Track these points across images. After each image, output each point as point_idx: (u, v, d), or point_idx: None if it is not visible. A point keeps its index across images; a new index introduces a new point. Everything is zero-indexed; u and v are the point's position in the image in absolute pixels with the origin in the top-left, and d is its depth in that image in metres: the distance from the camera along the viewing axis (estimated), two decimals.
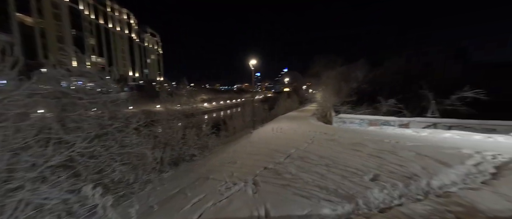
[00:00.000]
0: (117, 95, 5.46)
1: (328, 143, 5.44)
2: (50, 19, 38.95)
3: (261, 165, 4.55)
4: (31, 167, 3.77)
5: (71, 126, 4.65)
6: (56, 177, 4.15)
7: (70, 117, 4.76)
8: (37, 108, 4.35)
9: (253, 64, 10.31)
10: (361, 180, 3.11)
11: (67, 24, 42.21)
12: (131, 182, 5.90)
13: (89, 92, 4.94)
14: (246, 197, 3.52)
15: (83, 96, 4.79)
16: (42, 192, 3.59)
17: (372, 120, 9.92)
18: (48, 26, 38.25)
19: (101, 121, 4.92)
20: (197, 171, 6.76)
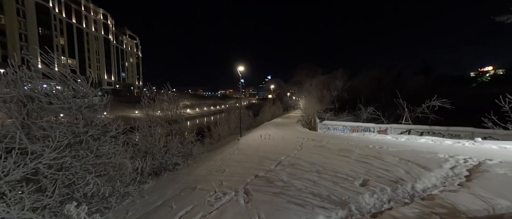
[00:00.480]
0: (92, 100, 4.99)
1: (317, 149, 5.54)
2: (13, 15, 35.18)
3: (252, 173, 4.46)
4: None
5: (38, 134, 4.11)
6: (15, 193, 3.63)
7: (37, 124, 4.21)
8: None
9: (240, 71, 10.29)
10: (352, 186, 3.19)
11: (33, 21, 38.48)
12: (107, 195, 5.38)
13: (61, 96, 4.45)
14: (238, 207, 3.39)
15: (53, 100, 4.29)
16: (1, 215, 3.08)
17: (354, 127, 10.45)
18: (9, 23, 34.45)
19: (75, 128, 4.43)
20: (182, 181, 6.39)
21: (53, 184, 4.38)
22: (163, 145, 9.57)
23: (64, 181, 4.54)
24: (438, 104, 10.24)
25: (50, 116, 4.51)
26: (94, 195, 5.15)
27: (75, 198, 4.80)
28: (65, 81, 4.62)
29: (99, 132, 4.88)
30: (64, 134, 4.26)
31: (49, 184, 4.39)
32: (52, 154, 3.74)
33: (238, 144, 8.29)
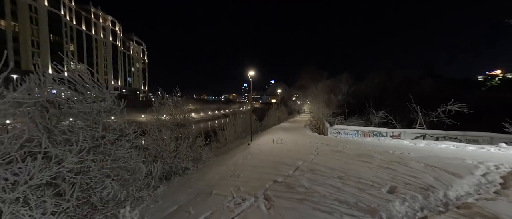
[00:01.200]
0: (110, 104, 5.04)
1: (334, 154, 5.44)
2: (26, 23, 36.47)
3: (270, 179, 4.38)
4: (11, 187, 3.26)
5: (59, 138, 4.15)
6: (37, 197, 3.64)
7: (59, 129, 4.27)
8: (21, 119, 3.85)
9: (251, 75, 10.32)
10: (379, 193, 3.09)
11: (45, 28, 39.78)
12: (122, 200, 5.35)
13: (82, 100, 4.51)
14: (260, 213, 3.31)
15: (74, 105, 4.36)
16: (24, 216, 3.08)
17: (365, 131, 10.28)
18: (23, 31, 35.70)
19: (95, 132, 4.46)
20: (195, 186, 6.34)
21: (71, 188, 4.40)
22: (173, 149, 9.58)
23: (82, 185, 4.55)
24: (455, 109, 9.99)
25: (71, 121, 4.56)
26: (110, 199, 5.14)
27: (91, 202, 4.80)
28: (84, 85, 4.70)
29: (116, 136, 4.91)
30: (85, 138, 4.30)
31: (67, 188, 4.40)
32: (74, 158, 3.77)
33: (249, 149, 8.23)
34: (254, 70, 10.66)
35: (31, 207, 3.41)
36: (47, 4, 40.15)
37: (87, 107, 4.52)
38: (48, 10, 40.34)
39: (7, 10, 33.75)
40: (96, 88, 4.90)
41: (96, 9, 57.40)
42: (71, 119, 4.69)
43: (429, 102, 12.54)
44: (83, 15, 52.19)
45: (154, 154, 9.23)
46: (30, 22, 37.27)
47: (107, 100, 4.99)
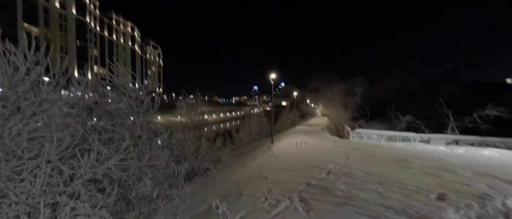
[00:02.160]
0: (148, 105, 5.33)
1: (366, 158, 5.30)
2: (56, 30, 39.50)
3: (302, 181, 4.36)
4: (68, 182, 3.54)
5: (104, 137, 4.45)
6: (86, 192, 3.91)
7: (103, 127, 4.58)
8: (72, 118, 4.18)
9: (272, 78, 10.39)
10: (428, 200, 2.97)
11: (73, 35, 42.81)
12: (155, 197, 5.58)
13: (125, 100, 4.82)
14: (299, 216, 3.31)
15: (118, 105, 4.66)
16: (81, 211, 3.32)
17: (391, 136, 9.90)
18: (53, 37, 38.68)
19: (136, 131, 4.74)
20: (220, 186, 6.45)
21: (110, 184, 4.66)
22: (195, 150, 9.83)
23: (121, 182, 4.81)
24: (494, 113, 9.32)
25: (115, 120, 4.88)
26: (144, 196, 5.37)
27: (128, 199, 5.05)
28: (124, 87, 5.02)
29: (150, 136, 5.17)
30: (126, 137, 4.57)
31: (107, 184, 4.67)
32: (121, 156, 4.02)
33: (271, 151, 8.24)
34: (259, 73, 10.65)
35: (84, 200, 3.67)
36: (75, 13, 43.25)
37: (129, 107, 4.81)
38: (76, 18, 43.43)
39: (40, 18, 36.80)
40: (136, 91, 5.21)
41: (117, 16, 60.86)
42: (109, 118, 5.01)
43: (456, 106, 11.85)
44: (106, 22, 55.58)
45: (177, 154, 9.53)
46: (60, 29, 40.32)
47: (145, 101, 5.28)
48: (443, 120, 10.46)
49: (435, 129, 10.79)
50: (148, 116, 5.26)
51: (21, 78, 3.27)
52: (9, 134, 2.89)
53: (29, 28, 34.47)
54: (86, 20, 46.37)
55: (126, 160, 4.45)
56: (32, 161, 3.06)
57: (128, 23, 65.16)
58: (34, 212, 3.09)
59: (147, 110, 5.21)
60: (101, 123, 4.95)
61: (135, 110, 4.84)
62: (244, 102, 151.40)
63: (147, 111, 5.20)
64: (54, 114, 3.66)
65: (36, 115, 3.45)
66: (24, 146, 3.04)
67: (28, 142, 3.19)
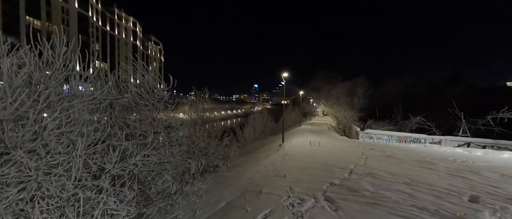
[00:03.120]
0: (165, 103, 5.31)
1: (387, 159, 5.31)
2: (59, 24, 39.16)
3: (324, 181, 4.37)
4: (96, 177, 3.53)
5: (126, 132, 4.44)
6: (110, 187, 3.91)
7: (126, 123, 4.56)
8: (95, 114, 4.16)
9: (284, 76, 10.36)
10: (461, 201, 2.98)
11: (75, 29, 42.49)
12: (172, 193, 5.58)
13: (146, 96, 4.80)
14: (329, 215, 3.31)
15: (141, 102, 4.64)
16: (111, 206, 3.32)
17: (401, 137, 9.93)
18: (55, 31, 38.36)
19: (157, 128, 4.73)
20: (235, 184, 6.46)
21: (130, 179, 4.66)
22: (204, 147, 9.82)
23: (140, 178, 4.82)
24: (509, 116, 9.32)
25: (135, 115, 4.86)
26: (161, 192, 5.38)
27: (146, 193, 5.06)
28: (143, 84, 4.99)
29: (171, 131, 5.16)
30: (147, 133, 4.56)
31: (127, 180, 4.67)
32: (145, 151, 4.01)
33: (283, 150, 8.24)
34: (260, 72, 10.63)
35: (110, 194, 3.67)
36: (77, 6, 42.87)
37: (150, 103, 4.79)
38: (78, 11, 43.06)
39: (43, 11, 36.44)
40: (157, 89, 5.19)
41: (120, 10, 60.37)
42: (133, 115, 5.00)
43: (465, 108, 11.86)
44: (108, 16, 55.12)
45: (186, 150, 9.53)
46: (62, 23, 39.99)
47: (164, 98, 5.26)
48: (454, 122, 10.48)
49: (445, 131, 10.83)
50: (166, 112, 5.26)
51: (54, 73, 3.24)
52: (45, 130, 2.87)
53: (31, 21, 34.18)
54: (88, 14, 45.99)
55: (149, 156, 4.45)
56: (65, 156, 3.05)
57: (130, 18, 64.67)
58: (66, 206, 3.09)
59: (165, 107, 5.20)
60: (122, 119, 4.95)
61: (156, 107, 4.82)
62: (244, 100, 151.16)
63: (165, 107, 5.19)
64: (82, 110, 3.65)
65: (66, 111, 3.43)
66: (59, 142, 3.02)
67: (59, 137, 3.17)
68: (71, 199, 3.00)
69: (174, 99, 8.58)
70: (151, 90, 4.86)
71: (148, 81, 4.95)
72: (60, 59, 3.22)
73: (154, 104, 4.76)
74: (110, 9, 56.71)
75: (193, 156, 9.09)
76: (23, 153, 2.73)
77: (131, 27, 64.75)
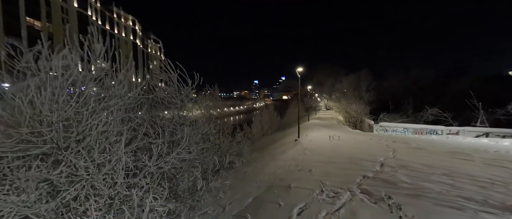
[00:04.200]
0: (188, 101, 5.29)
1: (415, 151, 5.30)
2: (59, 24, 38.86)
3: (355, 174, 4.37)
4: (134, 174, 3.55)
5: (158, 131, 4.44)
6: (154, 186, 3.94)
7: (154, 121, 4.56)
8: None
9: (299, 71, 10.29)
10: (509, 191, 2.97)
11: (75, 28, 42.14)
12: (198, 189, 5.62)
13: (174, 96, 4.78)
14: (369, 207, 3.31)
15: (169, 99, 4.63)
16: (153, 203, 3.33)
17: (417, 129, 9.90)
18: (56, 31, 38.11)
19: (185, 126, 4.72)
20: (257, 179, 6.48)
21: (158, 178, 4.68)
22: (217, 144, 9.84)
23: (169, 176, 4.84)
24: None
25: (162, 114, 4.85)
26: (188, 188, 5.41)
27: (175, 190, 5.09)
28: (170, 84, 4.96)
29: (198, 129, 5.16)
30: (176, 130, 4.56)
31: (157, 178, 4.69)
32: (181, 149, 4.01)
33: (301, 145, 8.24)
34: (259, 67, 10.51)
35: (151, 191, 3.70)
36: (76, 6, 42.42)
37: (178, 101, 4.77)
38: (77, 11, 42.63)
39: (42, 12, 36.07)
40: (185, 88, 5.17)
41: (119, 9, 59.73)
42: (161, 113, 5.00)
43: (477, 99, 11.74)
44: (107, 15, 54.60)
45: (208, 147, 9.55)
46: (62, 23, 39.64)
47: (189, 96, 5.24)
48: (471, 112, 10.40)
49: (462, 122, 10.77)
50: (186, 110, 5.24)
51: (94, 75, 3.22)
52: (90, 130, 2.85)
53: (31, 22, 33.89)
54: (87, 13, 45.55)
55: (181, 153, 4.45)
56: (109, 154, 3.04)
57: (129, 16, 64.02)
58: (113, 203, 3.11)
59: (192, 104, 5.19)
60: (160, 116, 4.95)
61: (183, 105, 4.81)
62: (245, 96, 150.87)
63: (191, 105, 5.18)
64: (118, 109, 3.64)
65: (105, 110, 3.42)
66: (102, 141, 3.02)
67: (101, 137, 3.16)
68: (119, 196, 3.02)
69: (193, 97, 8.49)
70: (178, 89, 4.83)
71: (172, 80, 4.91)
72: (97, 60, 3.20)
73: (182, 100, 4.74)
74: (109, 8, 56.11)
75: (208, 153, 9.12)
76: (71, 153, 2.73)
77: (130, 25, 64.17)
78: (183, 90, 4.95)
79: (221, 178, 6.00)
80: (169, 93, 4.75)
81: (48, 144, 2.49)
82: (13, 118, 2.41)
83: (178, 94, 4.74)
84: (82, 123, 2.76)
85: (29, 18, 33.51)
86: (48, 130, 2.45)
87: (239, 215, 4.57)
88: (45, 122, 2.46)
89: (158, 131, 4.56)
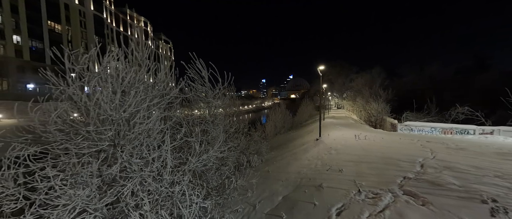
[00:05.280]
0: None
1: (458, 152, 5.04)
2: (77, 27, 40.57)
3: (393, 174, 4.21)
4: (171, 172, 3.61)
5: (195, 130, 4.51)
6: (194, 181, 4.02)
7: (187, 120, 4.63)
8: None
9: (320, 69, 10.12)
10: None
11: (92, 31, 43.83)
12: (226, 187, 5.66)
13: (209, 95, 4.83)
14: (419, 210, 3.17)
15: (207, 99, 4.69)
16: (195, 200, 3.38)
17: (446, 128, 9.44)
18: (75, 34, 39.82)
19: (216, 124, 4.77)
20: (283, 178, 6.43)
21: (193, 175, 4.74)
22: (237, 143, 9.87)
23: (200, 173, 4.90)
24: None
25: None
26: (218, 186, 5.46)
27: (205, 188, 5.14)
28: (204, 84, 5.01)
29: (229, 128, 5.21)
30: (208, 128, 4.61)
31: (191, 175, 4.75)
32: (218, 147, 4.05)
33: (324, 144, 8.09)
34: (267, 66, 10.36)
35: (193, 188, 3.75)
36: (93, 9, 44.08)
37: (210, 100, 4.82)
38: (94, 14, 44.30)
39: (62, 15, 37.79)
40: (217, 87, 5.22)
41: (131, 11, 61.50)
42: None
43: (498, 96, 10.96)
44: (120, 17, 56.35)
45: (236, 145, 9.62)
46: (80, 26, 41.37)
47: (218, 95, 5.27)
48: (507, 111, 9.70)
49: (495, 121, 10.14)
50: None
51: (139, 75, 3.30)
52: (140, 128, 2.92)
53: (53, 26, 35.61)
54: (103, 15, 47.22)
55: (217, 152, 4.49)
56: (157, 152, 3.10)
57: (141, 18, 65.77)
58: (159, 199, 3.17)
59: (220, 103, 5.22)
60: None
61: (215, 103, 4.85)
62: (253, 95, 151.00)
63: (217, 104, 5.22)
64: (160, 108, 3.70)
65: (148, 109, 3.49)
66: (155, 138, 3.08)
67: (148, 135, 3.23)
68: (167, 191, 3.08)
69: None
70: (210, 88, 4.88)
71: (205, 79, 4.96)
72: (144, 62, 3.27)
73: (215, 96, 4.79)
74: (122, 9, 57.89)
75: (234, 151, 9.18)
76: (122, 151, 2.80)
77: (142, 27, 65.89)
78: (215, 89, 4.99)
79: (248, 176, 6.01)
80: (203, 92, 4.79)
81: (107, 142, 2.57)
82: (80, 118, 2.50)
83: (211, 93, 4.78)
84: (135, 121, 2.83)
85: (51, 21, 35.23)
86: (109, 128, 2.53)
87: (272, 214, 4.55)
88: (108, 120, 2.53)
89: (190, 129, 4.63)
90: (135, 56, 3.50)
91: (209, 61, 4.75)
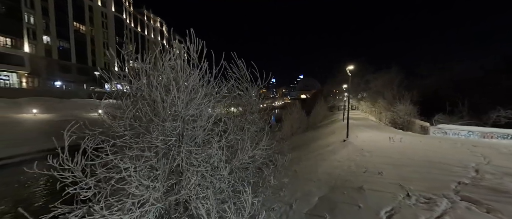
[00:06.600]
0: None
1: (510, 157, 4.73)
2: (99, 27, 42.61)
3: (446, 179, 4.00)
4: None
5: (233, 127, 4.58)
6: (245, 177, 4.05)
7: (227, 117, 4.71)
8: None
9: (349, 69, 9.90)
10: None
11: (112, 31, 45.87)
12: (260, 185, 5.67)
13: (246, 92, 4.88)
14: (482, 217, 2.98)
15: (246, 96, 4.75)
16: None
17: (485, 132, 8.84)
18: (97, 34, 41.86)
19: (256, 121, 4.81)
20: (314, 178, 6.33)
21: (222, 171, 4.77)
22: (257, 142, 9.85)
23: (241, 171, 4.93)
24: None
25: None
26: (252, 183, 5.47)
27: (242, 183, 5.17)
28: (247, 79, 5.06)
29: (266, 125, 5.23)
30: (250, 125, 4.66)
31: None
32: (262, 144, 4.08)
33: (353, 146, 7.90)
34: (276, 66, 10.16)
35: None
36: (114, 10, 46.10)
37: (252, 97, 4.87)
38: (115, 15, 46.30)
39: (86, 17, 39.84)
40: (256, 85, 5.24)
41: (148, 12, 63.62)
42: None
43: None
44: (138, 18, 58.51)
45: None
46: (102, 27, 43.42)
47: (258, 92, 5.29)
48: None
49: None
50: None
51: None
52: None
53: (78, 27, 37.70)
54: (122, 16, 49.24)
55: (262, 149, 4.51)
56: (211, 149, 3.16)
57: (158, 18, 67.84)
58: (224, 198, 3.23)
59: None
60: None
61: (256, 100, 4.88)
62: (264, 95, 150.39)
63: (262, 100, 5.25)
64: (208, 106, 3.77)
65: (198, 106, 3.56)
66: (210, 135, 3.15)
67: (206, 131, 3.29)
68: (229, 186, 3.13)
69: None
70: (251, 85, 4.91)
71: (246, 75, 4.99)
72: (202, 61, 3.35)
73: (256, 94, 4.82)
74: (140, 10, 60.07)
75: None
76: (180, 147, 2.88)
77: (158, 27, 67.99)
78: (255, 87, 5.02)
79: (280, 175, 5.99)
80: (243, 91, 4.82)
81: (174, 137, 2.66)
82: (150, 116, 2.60)
83: (251, 90, 4.82)
84: (195, 118, 2.91)
85: (76, 22, 37.31)
86: (178, 125, 2.61)
87: (312, 214, 4.51)
88: (179, 117, 2.62)
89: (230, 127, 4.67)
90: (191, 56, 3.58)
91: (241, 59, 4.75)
